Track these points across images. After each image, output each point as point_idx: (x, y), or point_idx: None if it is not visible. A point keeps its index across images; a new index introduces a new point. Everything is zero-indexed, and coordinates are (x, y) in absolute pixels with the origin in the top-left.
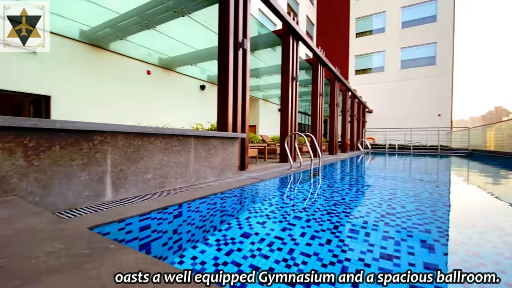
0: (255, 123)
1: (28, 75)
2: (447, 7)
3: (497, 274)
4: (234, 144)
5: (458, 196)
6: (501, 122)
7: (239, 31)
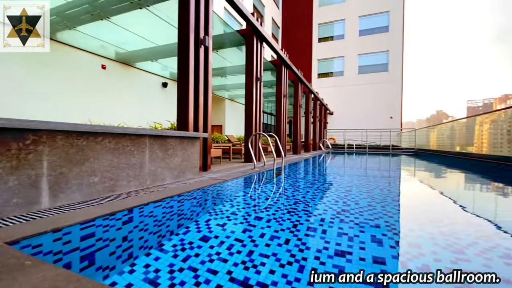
0: (221, 123)
1: None
2: (398, 19)
3: (432, 261)
4: (195, 144)
5: (404, 191)
6: (441, 124)
7: (200, 28)
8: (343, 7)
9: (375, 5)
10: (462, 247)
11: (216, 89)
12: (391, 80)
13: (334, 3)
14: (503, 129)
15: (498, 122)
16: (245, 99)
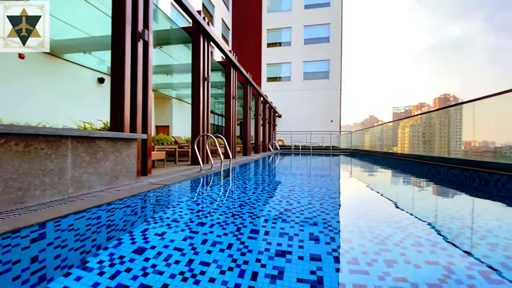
0: (168, 123)
1: None
2: (337, 31)
3: (360, 254)
4: (132, 146)
5: (339, 188)
6: (372, 128)
7: (138, 20)
8: (290, 16)
9: (318, 17)
10: (383, 238)
11: (162, 87)
12: (332, 86)
13: (281, 11)
14: (419, 132)
15: (415, 126)
16: (192, 99)
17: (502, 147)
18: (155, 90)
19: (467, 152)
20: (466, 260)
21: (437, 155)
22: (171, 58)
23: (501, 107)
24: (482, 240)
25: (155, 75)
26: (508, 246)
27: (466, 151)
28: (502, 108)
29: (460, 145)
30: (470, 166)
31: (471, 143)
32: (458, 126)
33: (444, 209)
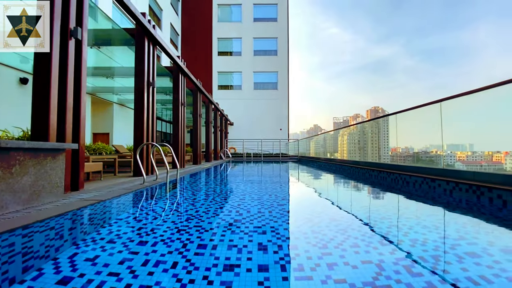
0: (108, 131)
1: None
2: (284, 45)
3: (305, 260)
4: (58, 157)
5: (287, 195)
6: (316, 136)
7: (70, 16)
8: (240, 27)
9: (266, 31)
10: (326, 242)
11: (101, 91)
12: (280, 97)
13: (232, 21)
14: (355, 140)
15: (352, 135)
16: (135, 105)
17: (418, 152)
18: (92, 94)
19: (393, 157)
20: (393, 257)
21: (370, 160)
22: (113, 60)
23: (416, 119)
24: (405, 237)
25: (93, 78)
26: (425, 240)
27: (393, 156)
28: (416, 120)
29: (388, 151)
30: (395, 170)
31: (396, 149)
32: (386, 135)
33: (374, 210)
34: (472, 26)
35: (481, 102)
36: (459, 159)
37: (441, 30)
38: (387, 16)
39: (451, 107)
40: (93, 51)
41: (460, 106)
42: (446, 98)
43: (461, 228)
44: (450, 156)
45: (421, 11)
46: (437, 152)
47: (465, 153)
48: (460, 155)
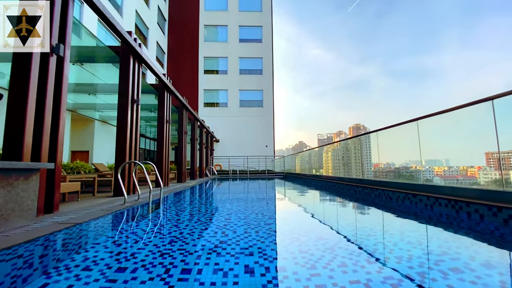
0: (87, 149)
1: None
2: (268, 64)
3: (294, 282)
4: (31, 178)
5: (273, 213)
6: (301, 152)
7: (52, 33)
8: (226, 46)
9: (252, 51)
10: (314, 262)
11: (82, 108)
12: (266, 114)
13: (218, 41)
14: (340, 156)
15: (336, 151)
16: (117, 122)
17: (399, 168)
18: (73, 111)
19: (376, 172)
20: (380, 275)
21: (354, 176)
22: (96, 77)
23: (395, 136)
24: (390, 254)
25: (74, 94)
26: (410, 257)
27: (375, 171)
28: (396, 137)
29: (370, 167)
30: (378, 186)
31: (378, 165)
32: (368, 151)
33: (360, 227)
34: (437, 52)
35: (453, 120)
36: (437, 174)
37: (412, 54)
38: (365, 40)
39: (427, 125)
40: (75, 67)
41: (435, 124)
42: (422, 117)
43: (444, 243)
44: (429, 171)
45: (393, 37)
46: (417, 167)
47: (442, 168)
48: (438, 170)
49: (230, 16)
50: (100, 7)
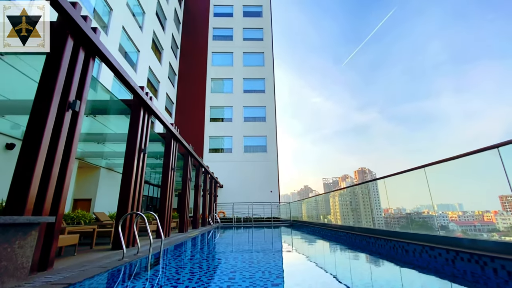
0: (90, 197)
1: None
2: (271, 112)
3: None
4: (30, 233)
5: (282, 271)
6: (308, 198)
7: (71, 91)
8: (231, 97)
9: (255, 100)
10: None
11: (90, 156)
12: (269, 159)
13: (224, 92)
14: (347, 201)
15: (343, 196)
16: (123, 171)
17: (411, 213)
18: (80, 159)
19: (387, 218)
20: None
21: (365, 225)
22: (106, 127)
23: (404, 181)
24: None
25: (84, 143)
26: None
27: (386, 217)
28: (405, 182)
29: (381, 213)
30: (392, 237)
31: (388, 210)
32: (377, 196)
33: (378, 286)
34: (435, 98)
35: (461, 165)
36: (451, 220)
37: (409, 100)
38: (362, 89)
39: (435, 170)
40: (88, 119)
41: (443, 168)
42: (428, 164)
43: None
44: (443, 216)
45: (389, 85)
46: (429, 213)
47: (456, 213)
48: (452, 215)
49: (235, 70)
50: (117, 67)
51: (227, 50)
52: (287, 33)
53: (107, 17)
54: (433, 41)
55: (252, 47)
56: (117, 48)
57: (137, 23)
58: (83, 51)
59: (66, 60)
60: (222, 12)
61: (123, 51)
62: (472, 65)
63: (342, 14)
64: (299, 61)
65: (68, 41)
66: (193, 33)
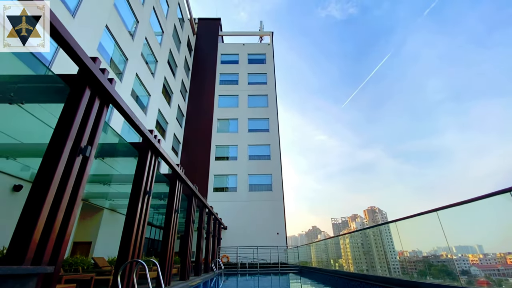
0: (91, 239)
1: None
2: (276, 151)
3: None
4: (28, 284)
5: None
6: (317, 242)
7: (83, 137)
8: (236, 136)
9: (260, 139)
10: None
11: (93, 197)
12: (275, 198)
13: (229, 132)
14: (358, 243)
15: (354, 237)
16: (127, 215)
17: (428, 257)
18: (84, 200)
19: (402, 263)
20: None
21: (380, 271)
22: (113, 169)
23: (416, 223)
24: None
25: (89, 184)
26: None
27: (401, 261)
28: (416, 224)
29: (395, 256)
30: (411, 287)
31: (403, 253)
32: (389, 238)
33: None
34: (438, 136)
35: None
36: (472, 263)
37: (412, 137)
38: (365, 127)
39: (449, 212)
40: (96, 161)
41: (457, 211)
42: (441, 208)
43: None
44: (463, 260)
45: (390, 123)
46: (447, 256)
47: (477, 256)
48: (473, 258)
49: (240, 111)
50: (129, 113)
51: (233, 93)
52: (288, 77)
53: (122, 65)
54: (431, 80)
55: (256, 90)
56: (129, 93)
57: (149, 70)
58: (98, 100)
59: (82, 109)
60: (229, 60)
61: (135, 95)
62: (474, 102)
63: (340, 58)
64: (301, 102)
65: (86, 92)
66: (202, 78)
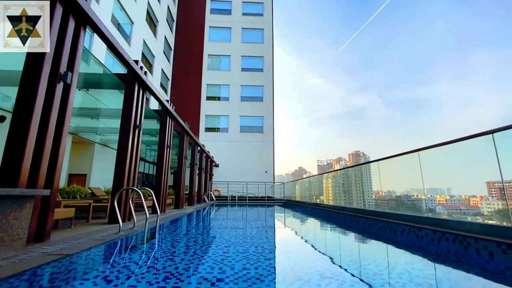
0: (85, 172)
1: None
2: (269, 92)
3: None
4: (24, 205)
5: (274, 247)
6: (302, 179)
7: (61, 61)
8: (228, 75)
9: (253, 79)
10: None
11: (83, 131)
12: (266, 140)
13: (221, 70)
14: (340, 183)
15: (336, 178)
16: (118, 148)
17: (401, 196)
18: (74, 134)
19: (377, 200)
20: None
21: (356, 206)
22: (100, 102)
23: (396, 164)
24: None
25: (77, 118)
26: None
27: (376, 199)
28: (397, 165)
29: (371, 195)
30: (381, 217)
31: (379, 192)
32: (369, 178)
33: (366, 264)
34: (433, 84)
35: (454, 150)
36: (439, 203)
37: (408, 85)
38: (362, 72)
39: (428, 154)
40: (80, 92)
41: (436, 153)
42: (422, 148)
43: (454, 285)
44: (431, 200)
45: (388, 70)
46: (418, 196)
47: (444, 197)
48: (440, 199)
49: (233, 47)
50: (109, 38)
51: (225, 25)
52: (287, 13)
53: None
54: (435, 25)
55: (251, 23)
56: (109, 19)
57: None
58: (73, 19)
59: (55, 28)
60: None
61: (116, 22)
62: (471, 51)
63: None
64: (299, 41)
65: (57, 7)
66: (190, 4)
